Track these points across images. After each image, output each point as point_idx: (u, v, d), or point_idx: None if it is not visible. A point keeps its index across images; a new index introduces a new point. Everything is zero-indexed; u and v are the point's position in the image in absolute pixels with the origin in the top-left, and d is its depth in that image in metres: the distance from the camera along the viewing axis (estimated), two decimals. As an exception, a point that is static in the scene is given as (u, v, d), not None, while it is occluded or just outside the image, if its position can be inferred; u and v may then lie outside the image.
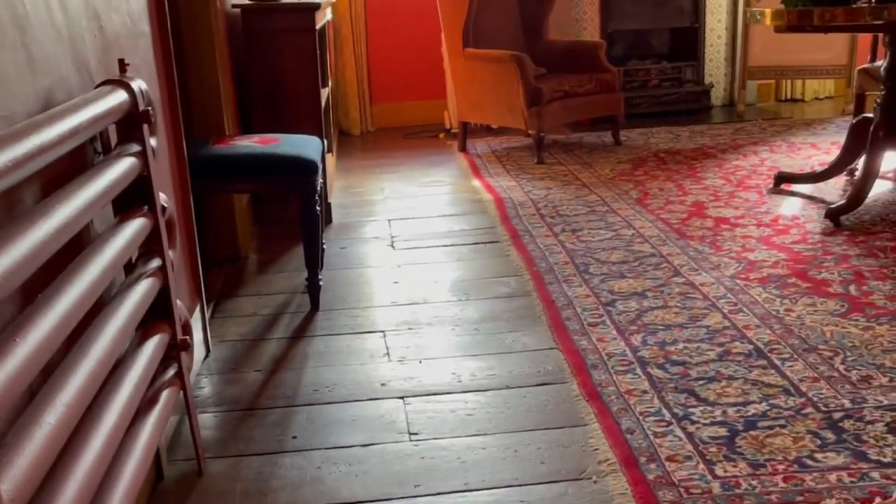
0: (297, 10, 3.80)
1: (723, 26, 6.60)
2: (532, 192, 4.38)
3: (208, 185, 2.82)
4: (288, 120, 3.84)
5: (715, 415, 2.07)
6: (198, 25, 3.26)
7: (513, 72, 4.99)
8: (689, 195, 4.12)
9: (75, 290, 1.35)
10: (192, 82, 3.28)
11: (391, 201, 4.42)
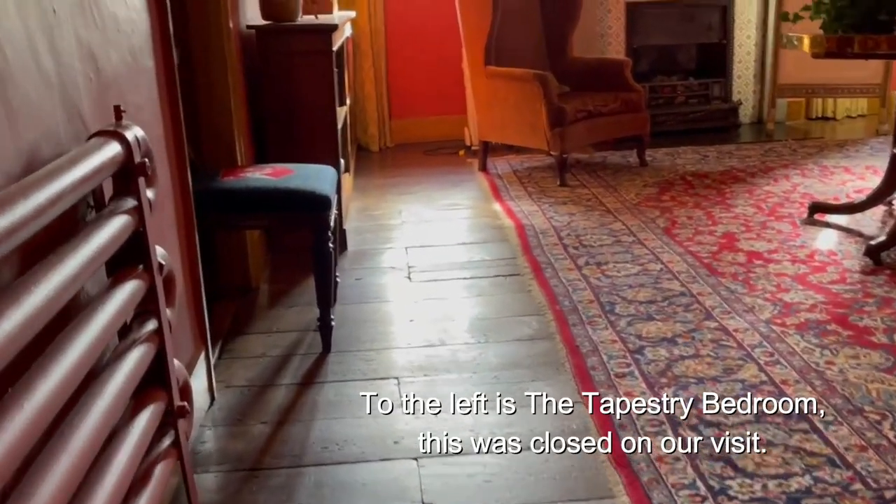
0: (313, 32, 3.67)
1: (752, 42, 6.41)
2: (554, 218, 4.22)
3: (216, 221, 2.70)
4: (303, 144, 3.71)
5: (754, 489, 1.91)
6: (210, 49, 3.13)
7: (536, 91, 4.84)
8: (719, 225, 3.95)
9: (63, 365, 1.23)
10: (202, 109, 3.15)
11: (409, 226, 4.28)
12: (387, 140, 6.38)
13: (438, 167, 5.66)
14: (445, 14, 6.00)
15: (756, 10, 6.34)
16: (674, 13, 6.36)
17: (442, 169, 5.60)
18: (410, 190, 5.03)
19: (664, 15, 6.35)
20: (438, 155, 6.05)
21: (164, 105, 2.21)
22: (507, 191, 4.85)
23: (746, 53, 6.44)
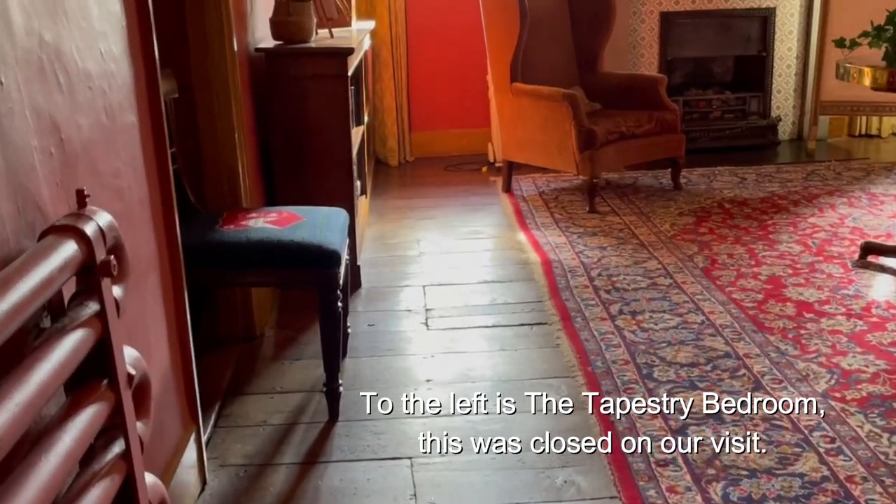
0: (328, 55, 3.41)
1: (793, 55, 6.07)
2: (584, 252, 3.93)
3: (213, 278, 2.44)
4: (315, 177, 3.45)
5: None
6: (212, 76, 2.87)
7: (565, 112, 4.55)
8: (763, 266, 3.65)
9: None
10: (205, 144, 2.90)
11: (427, 259, 4.01)
12: (406, 154, 6.10)
13: (460, 186, 5.38)
14: (469, 22, 5.71)
15: (798, 21, 6.00)
16: (711, 23, 6.03)
17: (463, 188, 5.32)
18: (430, 214, 4.75)
19: (700, 25, 6.03)
20: (460, 171, 5.77)
21: (150, 162, 1.95)
22: (532, 217, 4.57)
23: (787, 67, 6.10)
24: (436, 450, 2.36)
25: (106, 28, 1.71)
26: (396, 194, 5.27)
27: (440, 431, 2.45)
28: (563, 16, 5.20)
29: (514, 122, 4.92)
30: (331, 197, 3.41)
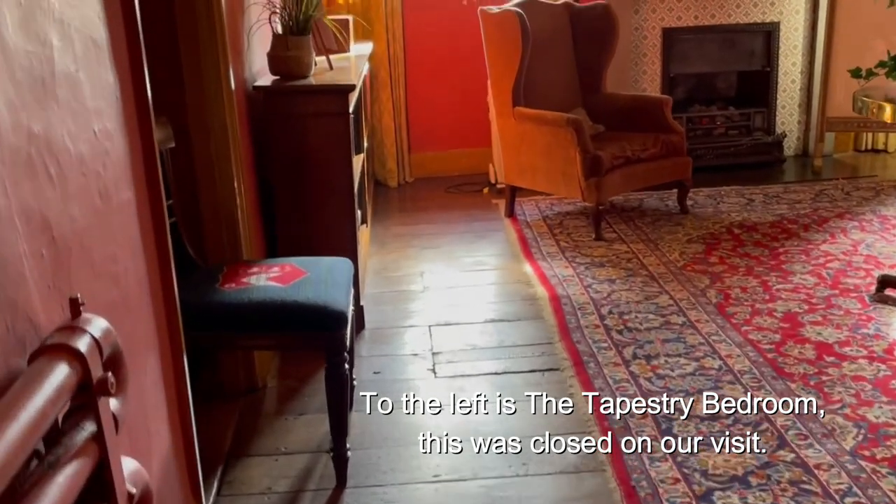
0: (328, 92, 3.30)
1: (797, 70, 5.98)
2: (593, 286, 3.83)
3: (214, 341, 2.33)
4: (318, 216, 3.34)
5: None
6: (210, 119, 2.76)
7: (569, 137, 4.44)
8: (778, 301, 3.55)
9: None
10: (203, 192, 2.78)
11: (432, 294, 3.90)
12: (406, 175, 5.99)
13: (461, 210, 5.28)
14: (469, 41, 5.60)
15: (802, 36, 5.90)
16: (714, 39, 5.93)
17: (465, 213, 5.21)
18: (432, 243, 4.64)
19: (703, 41, 5.93)
20: (461, 193, 5.66)
21: (148, 238, 1.84)
22: (537, 245, 4.46)
23: (791, 82, 6.00)
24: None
25: (100, 104, 1.60)
26: (397, 220, 5.16)
27: (453, 499, 2.34)
28: (565, 36, 5.10)
29: (516, 147, 4.82)
30: (333, 240, 3.32)
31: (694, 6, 5.79)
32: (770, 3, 5.81)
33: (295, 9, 3.33)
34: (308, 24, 3.38)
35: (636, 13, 5.77)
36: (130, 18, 1.78)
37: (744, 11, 5.82)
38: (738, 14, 5.83)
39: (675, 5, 5.78)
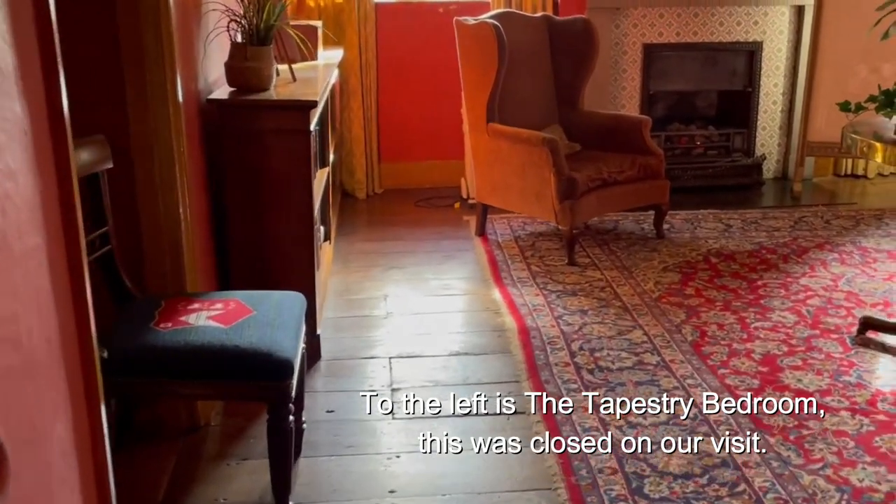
0: (288, 108, 3.09)
1: (779, 91, 5.85)
2: (564, 317, 3.65)
3: (145, 388, 2.12)
4: (274, 241, 3.14)
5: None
6: (155, 144, 2.54)
7: (544, 157, 4.26)
8: (757, 340, 3.39)
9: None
10: (145, 220, 2.56)
11: (395, 321, 3.70)
12: (375, 186, 5.78)
13: (431, 226, 5.08)
14: (443, 49, 5.39)
15: (785, 57, 5.77)
16: (695, 57, 5.79)
17: (435, 229, 5.01)
18: (398, 262, 4.44)
19: (685, 58, 5.79)
20: (431, 207, 5.46)
21: (61, 286, 1.61)
22: (507, 269, 4.28)
23: (773, 103, 5.87)
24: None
25: (2, 140, 1.39)
26: (363, 235, 4.95)
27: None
28: (544, 50, 4.91)
29: (489, 164, 4.63)
30: (290, 267, 3.13)
31: (676, 23, 5.63)
32: (753, 23, 5.68)
33: (256, 17, 3.12)
34: (269, 34, 3.17)
35: (616, 28, 5.60)
36: (46, 39, 1.56)
37: (727, 30, 5.68)
38: (721, 32, 5.68)
39: (656, 21, 5.62)
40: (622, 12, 5.58)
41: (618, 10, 5.57)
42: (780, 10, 5.67)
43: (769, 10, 5.66)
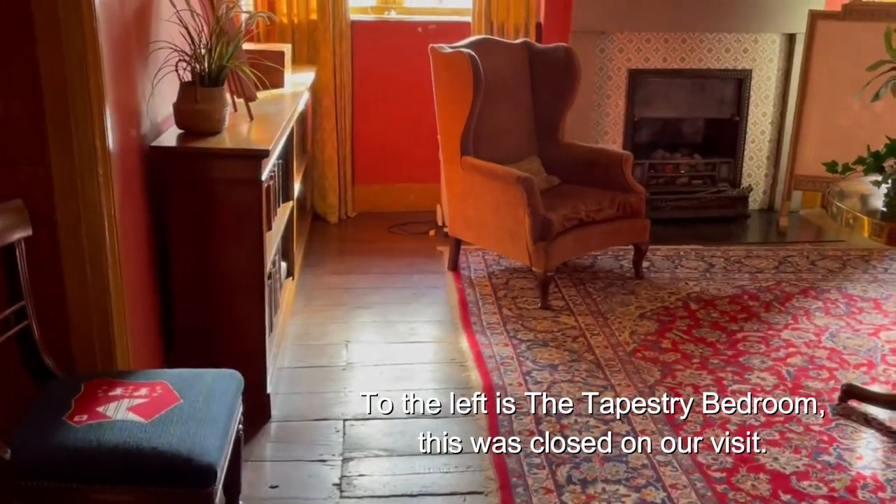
0: (238, 157, 2.88)
1: (767, 121, 5.67)
2: (532, 373, 3.47)
3: (51, 494, 1.92)
4: (221, 301, 2.94)
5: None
6: (82, 206, 2.33)
7: (519, 196, 4.06)
8: (732, 408, 3.21)
9: None
10: (71, 289, 2.36)
11: (354, 373, 3.51)
12: (348, 209, 5.58)
13: (403, 256, 4.89)
14: (421, 70, 5.16)
15: (774, 86, 5.59)
16: (682, 84, 5.60)
17: (407, 261, 4.82)
18: (365, 300, 4.24)
19: (671, 85, 5.59)
20: (405, 235, 5.27)
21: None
22: (478, 312, 4.09)
23: (760, 132, 5.69)
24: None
25: None
26: (331, 267, 4.74)
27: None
28: (523, 79, 4.71)
29: (463, 199, 4.43)
30: (239, 332, 2.96)
31: (663, 48, 5.44)
32: (743, 50, 5.49)
33: (207, 57, 2.91)
34: (222, 74, 2.97)
35: (601, 52, 5.41)
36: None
37: (715, 56, 5.49)
38: (710, 59, 5.50)
39: (643, 46, 5.43)
40: (608, 36, 5.39)
41: (603, 33, 5.37)
42: (771, 37, 5.48)
43: (759, 37, 5.47)
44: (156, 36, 2.93)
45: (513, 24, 5.28)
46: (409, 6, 5.56)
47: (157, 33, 2.95)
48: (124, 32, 2.66)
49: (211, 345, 2.94)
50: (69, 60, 2.28)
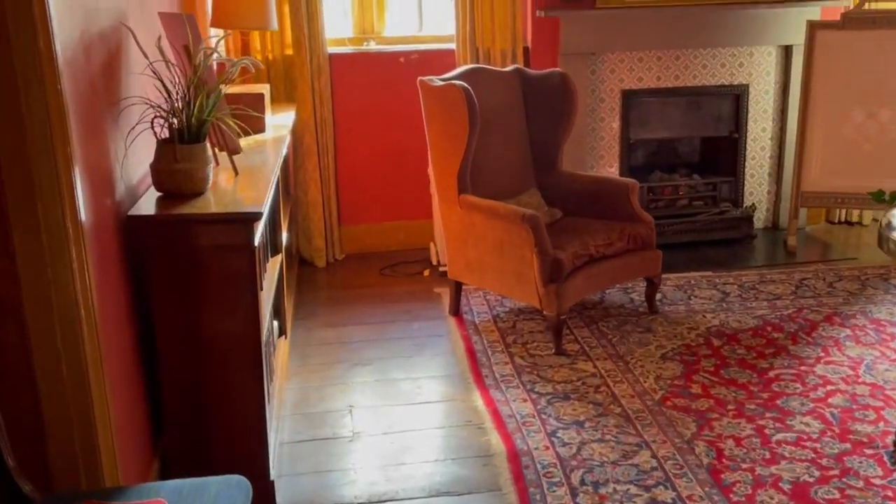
0: (227, 221, 2.57)
1: (767, 136, 5.46)
2: (558, 433, 3.17)
3: None
4: (214, 382, 2.62)
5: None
6: (54, 299, 2.01)
7: (524, 235, 3.78)
8: (783, 461, 2.94)
9: None
10: (46, 396, 2.03)
11: (363, 444, 3.19)
12: (335, 251, 5.27)
13: (398, 302, 4.58)
14: (406, 101, 4.93)
15: (773, 100, 5.38)
16: (678, 102, 5.37)
17: (403, 306, 4.51)
18: (363, 355, 3.93)
19: (666, 104, 5.37)
20: (398, 276, 4.97)
21: None
22: (488, 362, 3.79)
23: (761, 149, 5.47)
24: None
25: None
26: (323, 318, 4.42)
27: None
28: (517, 108, 4.45)
29: (462, 240, 4.14)
30: (234, 414, 2.63)
31: (656, 66, 5.22)
32: (739, 65, 5.28)
33: (185, 111, 2.60)
34: (203, 129, 2.66)
35: (592, 74, 5.17)
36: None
37: (710, 73, 5.28)
38: (705, 75, 5.28)
39: (635, 65, 5.20)
40: (598, 57, 5.15)
41: (593, 54, 5.13)
42: (767, 50, 5.28)
43: (755, 50, 5.27)
44: (127, 91, 2.62)
45: (499, 49, 5.02)
46: (388, 35, 5.28)
47: (129, 88, 2.64)
48: (91, 90, 2.35)
49: (205, 428, 2.63)
50: (30, 126, 1.96)
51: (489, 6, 4.94)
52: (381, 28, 5.26)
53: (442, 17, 5.29)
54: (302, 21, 4.78)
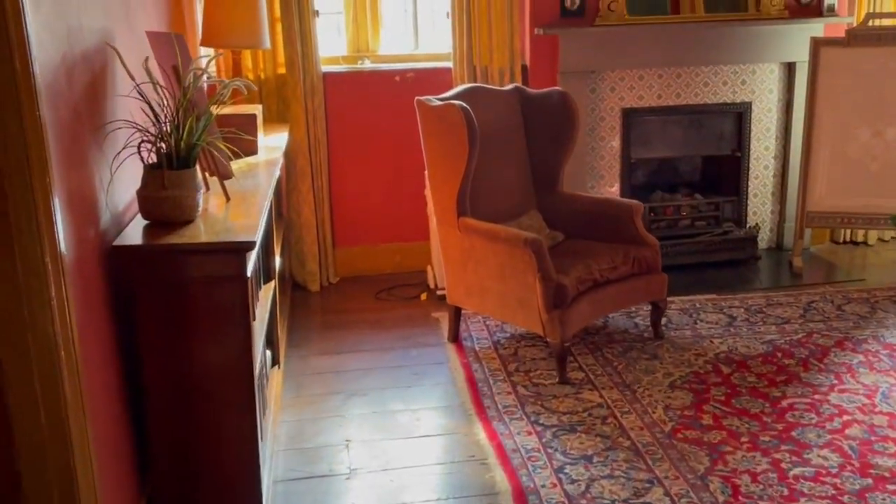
0: (217, 252, 2.43)
1: (770, 155, 5.35)
2: (566, 469, 3.03)
3: None
4: (204, 420, 2.47)
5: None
6: (31, 341, 1.86)
7: (527, 260, 3.65)
8: (801, 499, 2.80)
9: None
10: (22, 441, 1.88)
11: (361, 482, 3.04)
12: (329, 275, 5.12)
13: (395, 328, 4.43)
14: (402, 120, 4.81)
15: (776, 118, 5.28)
16: (679, 121, 5.27)
17: (400, 333, 4.37)
18: (359, 386, 3.78)
19: (667, 123, 5.26)
20: (394, 300, 4.83)
21: None
22: (490, 392, 3.65)
23: (764, 168, 5.37)
24: None
25: None
26: (318, 346, 4.27)
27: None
28: (517, 127, 4.33)
29: (462, 264, 4.01)
30: (226, 455, 2.46)
31: (657, 84, 5.11)
32: (741, 82, 5.18)
33: (174, 135, 2.47)
34: (193, 153, 2.53)
35: (592, 92, 5.06)
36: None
37: (712, 91, 5.17)
38: (706, 93, 5.18)
39: (636, 84, 5.09)
40: (598, 75, 5.04)
41: (593, 72, 5.02)
42: (770, 67, 5.18)
43: (757, 67, 5.17)
44: (113, 115, 2.48)
45: (497, 67, 4.91)
46: (383, 53, 5.16)
47: (114, 111, 2.50)
48: (73, 114, 2.21)
49: (194, 469, 2.48)
50: (5, 156, 1.82)
51: (486, 24, 4.83)
52: (376, 46, 5.15)
53: (438, 35, 5.18)
54: (295, 39, 4.66)
